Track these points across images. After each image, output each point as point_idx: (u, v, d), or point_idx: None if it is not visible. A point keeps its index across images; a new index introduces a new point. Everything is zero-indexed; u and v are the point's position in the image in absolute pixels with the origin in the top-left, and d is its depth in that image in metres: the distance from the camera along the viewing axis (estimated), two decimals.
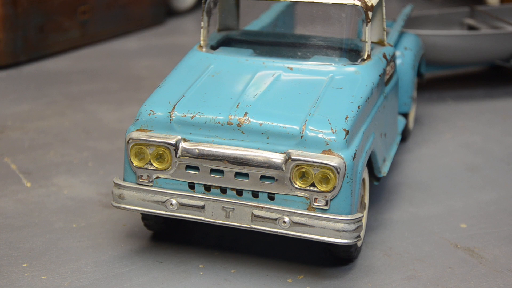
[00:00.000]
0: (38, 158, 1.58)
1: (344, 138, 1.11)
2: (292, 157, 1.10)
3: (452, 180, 1.52)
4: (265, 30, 1.60)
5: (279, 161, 1.11)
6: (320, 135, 1.11)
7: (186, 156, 1.14)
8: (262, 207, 1.12)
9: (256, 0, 1.42)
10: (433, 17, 2.13)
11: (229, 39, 1.43)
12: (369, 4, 1.29)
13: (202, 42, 1.34)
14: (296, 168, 1.10)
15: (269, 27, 1.62)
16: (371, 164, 1.25)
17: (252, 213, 1.13)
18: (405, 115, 1.62)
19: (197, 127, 1.15)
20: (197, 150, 1.13)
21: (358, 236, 1.12)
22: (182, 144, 1.14)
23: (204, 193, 1.15)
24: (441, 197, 1.44)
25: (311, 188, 1.10)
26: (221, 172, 1.13)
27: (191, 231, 1.30)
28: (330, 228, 1.10)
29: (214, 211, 1.15)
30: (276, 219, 1.12)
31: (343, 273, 1.19)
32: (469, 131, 1.76)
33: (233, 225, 1.14)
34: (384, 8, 1.38)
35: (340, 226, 1.10)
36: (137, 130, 1.17)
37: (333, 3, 1.29)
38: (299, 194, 1.11)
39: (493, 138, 1.72)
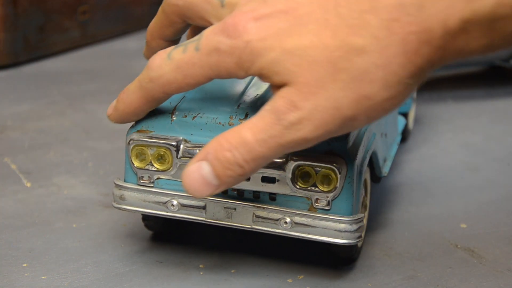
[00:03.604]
0: (38, 158, 1.58)
1: (346, 138, 1.11)
2: (293, 157, 1.10)
3: (452, 180, 1.52)
4: None
5: (280, 161, 1.11)
6: None
7: (187, 157, 1.14)
8: (264, 208, 1.12)
9: None
10: None
11: None
12: None
13: None
14: (298, 169, 1.10)
15: None
16: (372, 165, 1.25)
17: (254, 213, 1.13)
18: (405, 115, 1.62)
19: (198, 127, 1.15)
20: (198, 151, 1.13)
21: (360, 236, 1.12)
22: (183, 145, 1.14)
23: None
24: (441, 197, 1.44)
25: (313, 188, 1.10)
26: None
27: (191, 231, 1.30)
28: (331, 228, 1.10)
29: (216, 212, 1.15)
30: (277, 220, 1.12)
31: (343, 273, 1.19)
32: (469, 131, 1.76)
33: (235, 225, 1.14)
34: None
35: (342, 226, 1.10)
36: (138, 131, 1.17)
37: None
38: (300, 195, 1.11)
39: (493, 138, 1.72)
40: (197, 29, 1.17)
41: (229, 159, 0.97)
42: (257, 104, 1.16)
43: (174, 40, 1.18)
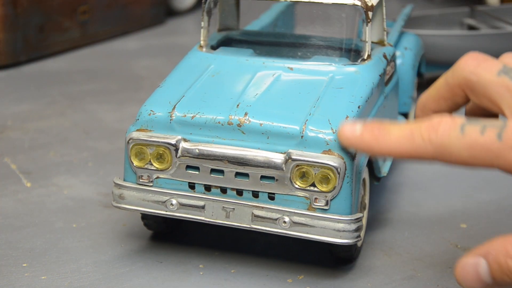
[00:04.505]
0: (38, 158, 1.58)
1: None
2: (292, 157, 1.10)
3: (452, 180, 1.52)
4: (265, 30, 1.60)
5: (279, 161, 1.11)
6: (320, 135, 1.11)
7: (187, 156, 1.14)
8: (262, 207, 1.12)
9: (256, 0, 1.42)
10: (433, 17, 2.13)
11: (229, 39, 1.43)
12: (369, 4, 1.29)
13: (202, 42, 1.34)
14: (296, 168, 1.10)
15: (269, 27, 1.62)
16: (371, 164, 1.25)
17: (253, 213, 1.13)
18: (405, 115, 1.62)
19: (197, 127, 1.15)
20: (197, 150, 1.13)
21: (359, 236, 1.12)
22: (183, 144, 1.14)
23: (204, 193, 1.15)
24: (441, 197, 1.44)
25: (311, 188, 1.10)
26: (221, 172, 1.13)
27: (191, 231, 1.30)
28: (330, 228, 1.10)
29: (214, 211, 1.15)
30: (276, 219, 1.12)
31: (343, 273, 1.19)
32: None
33: (233, 225, 1.14)
34: (384, 8, 1.38)
35: (340, 226, 1.10)
36: (138, 130, 1.17)
37: (333, 3, 1.29)
38: (299, 194, 1.11)
39: None
40: (478, 109, 1.08)
41: (511, 267, 0.91)
42: (256, 103, 1.16)
43: None
